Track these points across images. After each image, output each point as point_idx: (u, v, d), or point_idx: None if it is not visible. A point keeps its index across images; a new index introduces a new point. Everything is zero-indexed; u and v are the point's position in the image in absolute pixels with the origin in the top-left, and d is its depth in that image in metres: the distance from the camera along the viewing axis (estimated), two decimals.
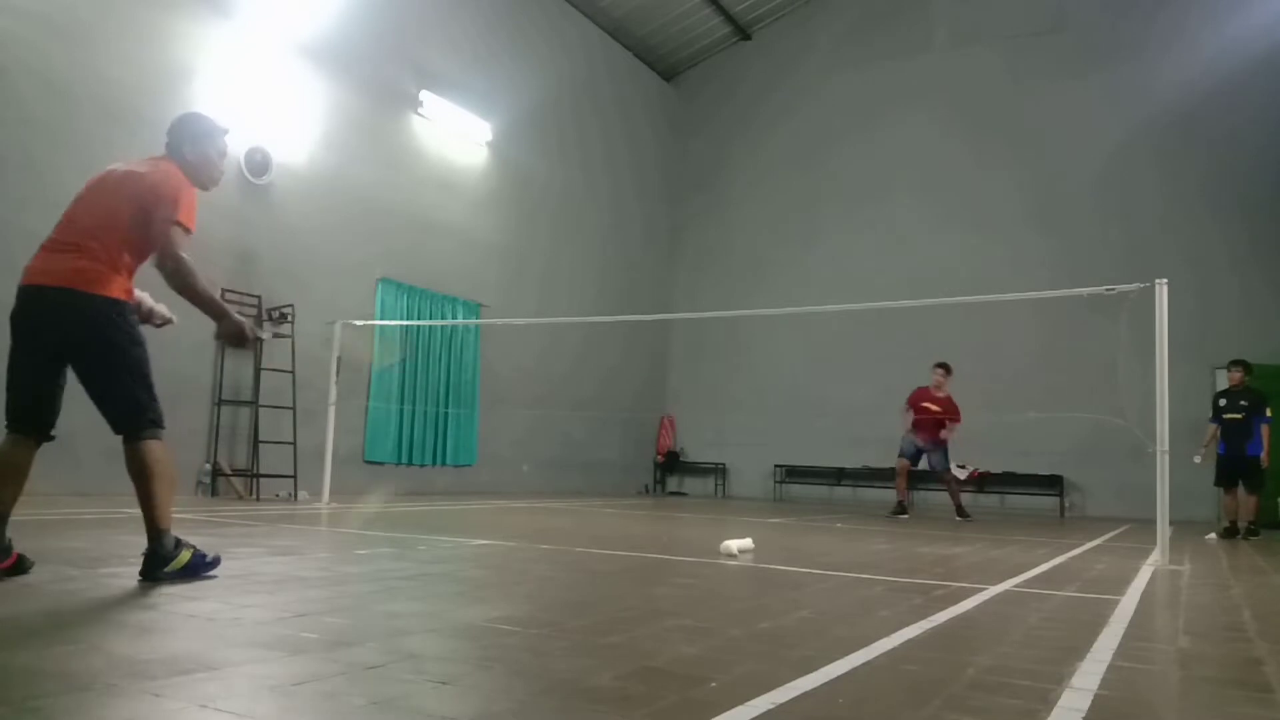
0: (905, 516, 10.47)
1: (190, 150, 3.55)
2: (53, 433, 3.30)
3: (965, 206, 14.68)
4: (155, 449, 3.25)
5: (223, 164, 3.68)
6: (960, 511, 10.59)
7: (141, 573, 3.24)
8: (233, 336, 3.45)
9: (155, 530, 3.23)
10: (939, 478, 11.04)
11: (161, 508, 3.24)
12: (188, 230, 3.33)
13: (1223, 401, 9.39)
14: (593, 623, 2.83)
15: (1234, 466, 9.25)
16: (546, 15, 14.14)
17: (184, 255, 3.26)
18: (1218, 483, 9.45)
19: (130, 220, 3.27)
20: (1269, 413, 9.17)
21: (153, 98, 8.35)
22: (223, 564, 3.50)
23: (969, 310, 11.77)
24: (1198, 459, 9.28)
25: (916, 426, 10.59)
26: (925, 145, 15.11)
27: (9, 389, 3.24)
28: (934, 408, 10.52)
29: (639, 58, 16.55)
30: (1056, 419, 12.03)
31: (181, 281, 3.26)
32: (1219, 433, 9.35)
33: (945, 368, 10.72)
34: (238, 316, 3.46)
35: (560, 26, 14.47)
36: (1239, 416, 9.21)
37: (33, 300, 3.22)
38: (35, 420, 3.25)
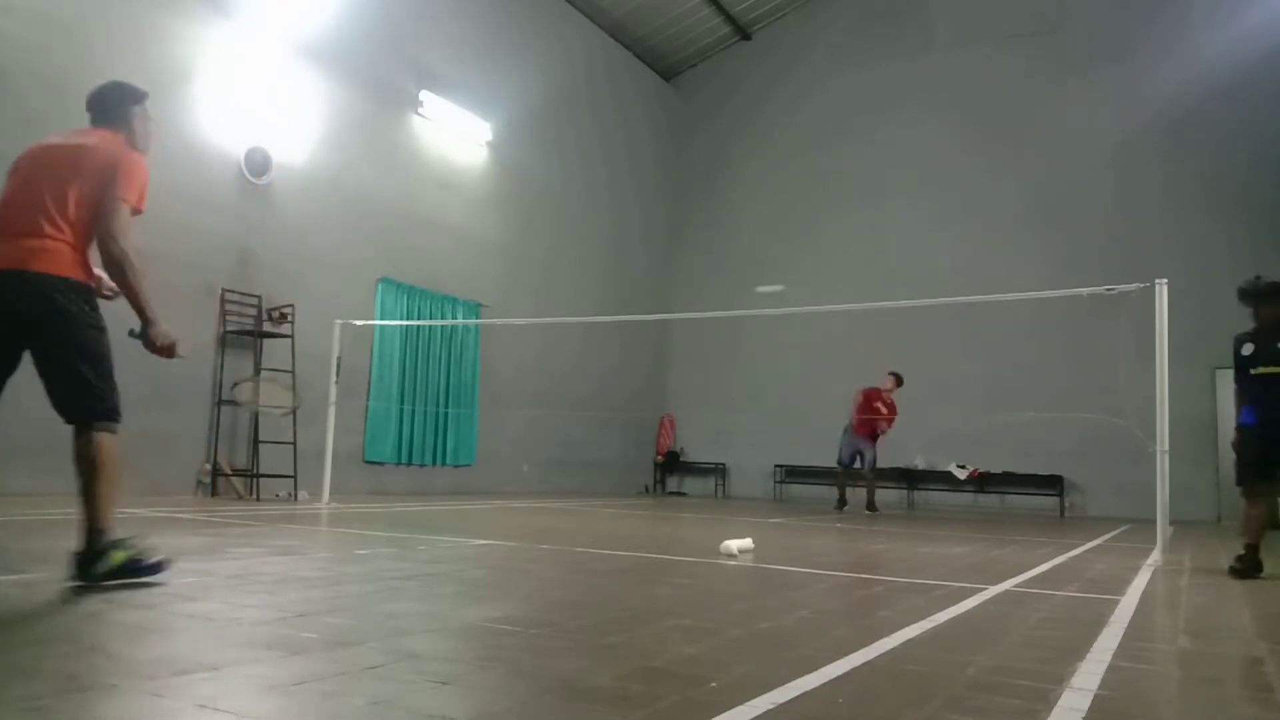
0: (847, 507, 11.59)
1: (137, 120, 3.45)
2: None
3: (965, 206, 14.68)
4: (106, 442, 3.04)
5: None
6: (871, 505, 11.35)
7: (73, 575, 2.99)
8: (157, 348, 3.21)
9: (90, 528, 2.99)
10: (867, 472, 11.53)
11: (102, 505, 3.01)
12: (137, 212, 3.15)
13: (1247, 349, 5.28)
14: (593, 623, 2.83)
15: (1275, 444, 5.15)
16: (546, 15, 14.14)
17: (130, 244, 3.07)
18: (1242, 479, 5.28)
19: (89, 198, 3.10)
20: None
21: (153, 98, 8.26)
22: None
23: (969, 310, 11.77)
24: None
25: (858, 424, 11.34)
26: (925, 145, 15.10)
27: None
28: (882, 409, 11.31)
29: (639, 58, 16.54)
30: (1056, 419, 12.02)
31: (122, 273, 3.07)
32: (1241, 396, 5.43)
33: (898, 378, 11.54)
34: (167, 329, 3.20)
35: (560, 26, 14.47)
36: None
37: None
38: None
